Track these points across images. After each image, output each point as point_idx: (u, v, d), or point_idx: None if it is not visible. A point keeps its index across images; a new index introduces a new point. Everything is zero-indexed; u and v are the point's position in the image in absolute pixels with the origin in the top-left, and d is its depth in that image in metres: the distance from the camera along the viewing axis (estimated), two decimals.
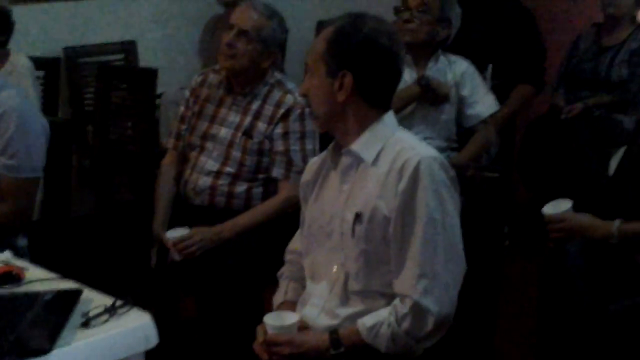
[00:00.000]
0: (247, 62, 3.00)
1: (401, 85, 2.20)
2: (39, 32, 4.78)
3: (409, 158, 2.03)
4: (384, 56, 2.09)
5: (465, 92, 3.42)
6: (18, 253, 2.47)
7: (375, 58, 2.08)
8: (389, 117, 2.15)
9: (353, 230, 2.06)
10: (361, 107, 2.10)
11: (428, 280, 1.98)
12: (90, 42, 5.01)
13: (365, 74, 2.07)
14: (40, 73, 4.44)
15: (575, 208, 2.56)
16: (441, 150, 3.20)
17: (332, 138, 2.19)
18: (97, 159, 4.54)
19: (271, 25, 3.01)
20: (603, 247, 2.46)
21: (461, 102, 3.44)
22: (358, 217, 2.06)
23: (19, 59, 4.14)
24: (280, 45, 3.08)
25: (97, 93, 4.59)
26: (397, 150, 2.07)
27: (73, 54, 4.93)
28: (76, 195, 4.10)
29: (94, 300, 1.90)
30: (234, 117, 3.05)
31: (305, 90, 2.16)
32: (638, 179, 2.43)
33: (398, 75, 2.14)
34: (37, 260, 2.31)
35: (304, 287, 2.25)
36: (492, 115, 3.48)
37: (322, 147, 2.39)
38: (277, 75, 3.10)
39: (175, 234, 2.90)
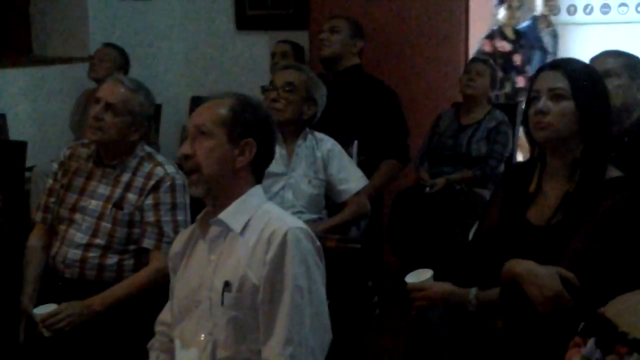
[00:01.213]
0: (115, 135, 3.01)
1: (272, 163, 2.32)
2: None
3: (276, 228, 2.11)
4: (275, 132, 2.26)
5: (332, 170, 3.55)
6: None
7: (271, 132, 2.24)
8: (258, 190, 2.23)
9: (222, 299, 2.11)
10: (248, 176, 2.20)
11: (294, 346, 2.04)
12: None
13: (265, 144, 2.20)
14: None
15: (437, 277, 2.67)
16: (312, 222, 3.31)
17: (201, 209, 2.25)
18: None
19: (138, 98, 3.04)
20: (462, 314, 2.58)
21: (330, 179, 3.56)
22: (227, 285, 2.11)
23: None
24: (148, 117, 3.11)
25: None
26: (265, 220, 2.15)
27: None
28: None
29: None
30: (103, 190, 3.05)
31: (188, 152, 2.17)
32: (490, 249, 2.56)
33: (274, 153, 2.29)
34: None
35: (173, 358, 2.26)
36: (360, 191, 3.62)
37: (193, 219, 2.44)
38: (147, 148, 3.13)
39: (43, 310, 2.83)
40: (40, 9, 5.70)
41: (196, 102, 5.78)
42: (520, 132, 4.73)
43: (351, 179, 3.59)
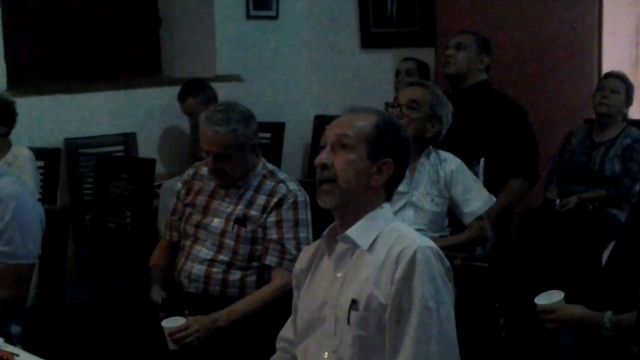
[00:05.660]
0: (239, 172, 3.06)
1: None
2: (41, 124, 4.85)
3: (405, 247, 2.06)
4: (410, 154, 2.26)
5: (457, 191, 3.47)
6: (10, 340, 2.46)
7: (408, 154, 2.24)
8: (387, 207, 2.20)
9: (349, 317, 2.07)
10: (381, 194, 2.18)
11: None
12: (91, 134, 5.09)
13: (401, 166, 2.19)
14: (41, 163, 4.51)
15: (568, 299, 2.57)
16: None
17: (324, 227, 2.22)
18: (95, 247, 4.55)
19: (237, 133, 3.00)
20: (596, 338, 2.47)
21: (455, 200, 3.48)
22: (354, 303, 2.07)
23: (21, 151, 4.24)
24: (256, 133, 3.07)
25: (95, 183, 4.64)
26: (393, 238, 2.10)
27: (73, 145, 5.00)
28: (74, 283, 4.10)
29: None
30: (226, 208, 3.08)
31: (327, 161, 2.15)
32: (628, 271, 2.44)
33: None
34: (31, 347, 2.30)
35: None
36: (487, 211, 3.52)
37: (315, 236, 2.42)
38: (269, 165, 3.15)
39: (171, 323, 2.86)
40: (170, 31, 5.85)
41: (320, 120, 5.81)
42: None
43: (476, 199, 3.50)
